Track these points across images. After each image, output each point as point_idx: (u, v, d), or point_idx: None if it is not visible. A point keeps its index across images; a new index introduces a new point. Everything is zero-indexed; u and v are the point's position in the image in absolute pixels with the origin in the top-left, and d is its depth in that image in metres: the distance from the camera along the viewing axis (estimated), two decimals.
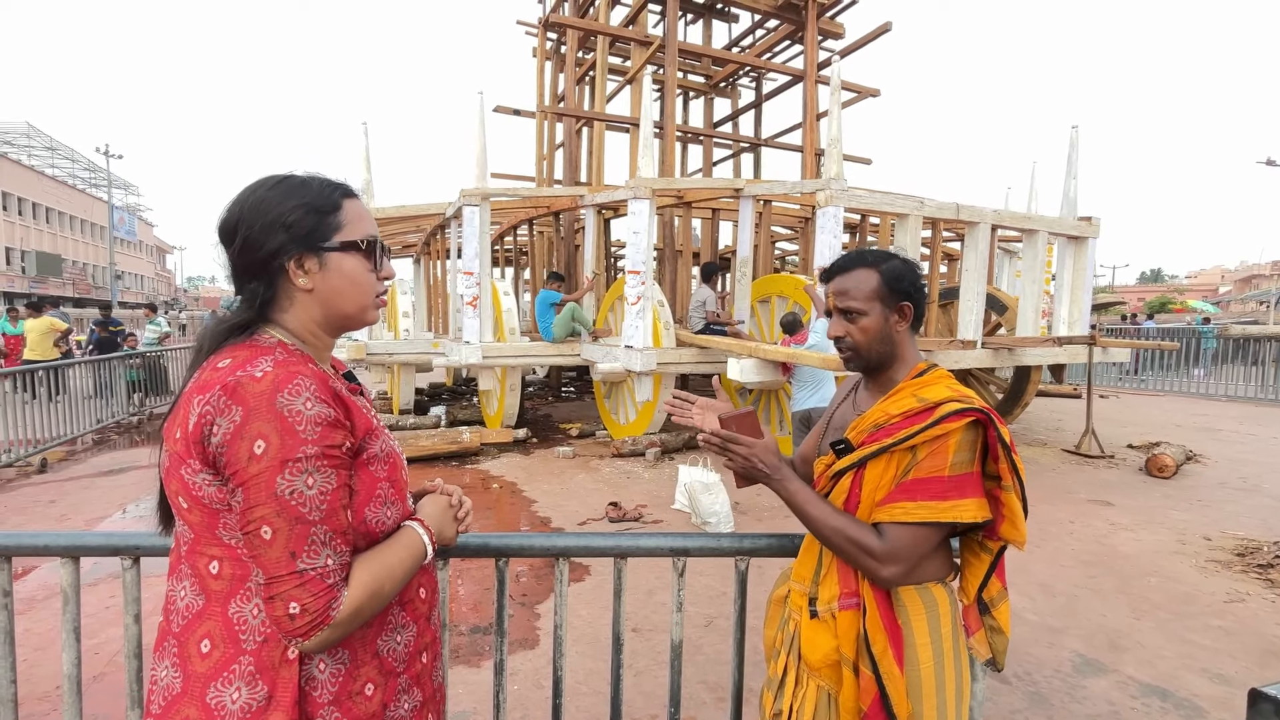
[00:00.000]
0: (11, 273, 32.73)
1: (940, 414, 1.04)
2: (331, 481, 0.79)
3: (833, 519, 1.07)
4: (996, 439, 1.05)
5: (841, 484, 1.13)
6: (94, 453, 6.78)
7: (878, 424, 1.11)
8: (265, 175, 0.90)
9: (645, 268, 6.13)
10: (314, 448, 0.77)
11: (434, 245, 9.50)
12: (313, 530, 0.77)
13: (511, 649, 2.76)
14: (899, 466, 1.06)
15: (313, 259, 0.87)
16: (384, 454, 0.89)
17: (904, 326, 1.15)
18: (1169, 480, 5.73)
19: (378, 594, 0.82)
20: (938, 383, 1.13)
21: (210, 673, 0.80)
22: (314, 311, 0.89)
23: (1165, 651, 2.83)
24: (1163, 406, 10.29)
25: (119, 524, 4.41)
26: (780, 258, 12.95)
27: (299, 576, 0.76)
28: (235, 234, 0.85)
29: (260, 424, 0.75)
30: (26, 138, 36.70)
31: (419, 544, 0.91)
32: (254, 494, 0.76)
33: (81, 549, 1.42)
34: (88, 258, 41.18)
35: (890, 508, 1.05)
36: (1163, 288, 54.82)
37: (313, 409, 0.78)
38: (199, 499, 0.80)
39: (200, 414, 0.77)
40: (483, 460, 6.32)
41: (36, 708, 2.32)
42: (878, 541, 1.04)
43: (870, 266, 1.16)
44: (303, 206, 0.86)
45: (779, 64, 10.85)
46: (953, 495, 1.03)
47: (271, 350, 0.83)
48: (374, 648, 0.87)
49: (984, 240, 6.16)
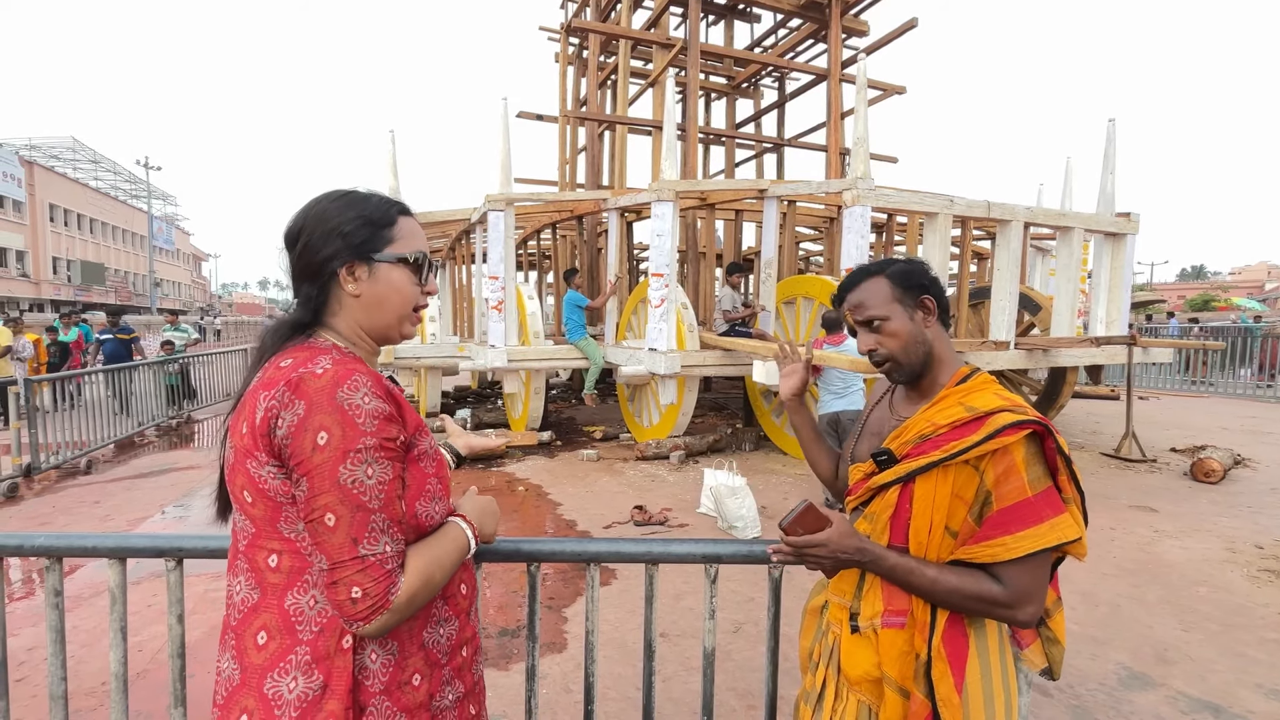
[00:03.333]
0: (58, 281, 34.13)
1: (995, 426, 0.99)
2: (388, 472, 0.83)
3: (944, 581, 1.00)
4: (1055, 450, 1.00)
5: (885, 498, 1.08)
6: (135, 455, 7.01)
7: (923, 435, 1.06)
8: (331, 189, 0.96)
9: (669, 270, 6.11)
10: (372, 439, 0.81)
11: (459, 250, 9.63)
12: (372, 518, 0.80)
13: (540, 652, 2.76)
14: (958, 482, 1.01)
15: (363, 267, 0.92)
16: (432, 451, 0.93)
17: (933, 321, 1.12)
18: (1216, 485, 5.50)
19: (429, 582, 0.85)
20: (984, 389, 1.08)
21: (267, 664, 0.83)
22: (360, 316, 0.94)
23: (1216, 665, 2.71)
24: (1207, 409, 9.90)
25: (159, 524, 4.55)
26: (805, 258, 12.82)
27: (361, 562, 0.79)
28: (298, 239, 0.92)
29: (323, 416, 0.79)
30: (72, 152, 38.30)
31: (464, 538, 0.94)
32: (318, 482, 0.79)
33: (128, 550, 1.46)
34: (129, 266, 42.74)
35: (990, 546, 0.99)
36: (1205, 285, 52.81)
37: (370, 403, 0.82)
38: (264, 491, 0.83)
39: (266, 408, 0.81)
40: (508, 463, 6.36)
41: (84, 703, 2.39)
42: (1000, 589, 0.98)
43: (875, 275, 1.14)
44: (360, 219, 0.91)
45: (802, 63, 10.75)
46: (1048, 515, 0.98)
47: (329, 350, 0.88)
48: (420, 639, 0.90)
49: (1016, 239, 6.01)
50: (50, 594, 1.45)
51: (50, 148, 37.01)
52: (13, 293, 30.99)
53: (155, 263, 38.93)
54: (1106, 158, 6.84)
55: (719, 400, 10.32)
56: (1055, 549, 0.99)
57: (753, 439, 7.06)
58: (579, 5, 11.53)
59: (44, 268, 33.39)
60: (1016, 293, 6.08)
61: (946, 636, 1.03)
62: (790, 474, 5.91)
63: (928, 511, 1.04)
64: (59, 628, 1.46)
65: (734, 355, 6.31)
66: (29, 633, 2.94)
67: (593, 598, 1.48)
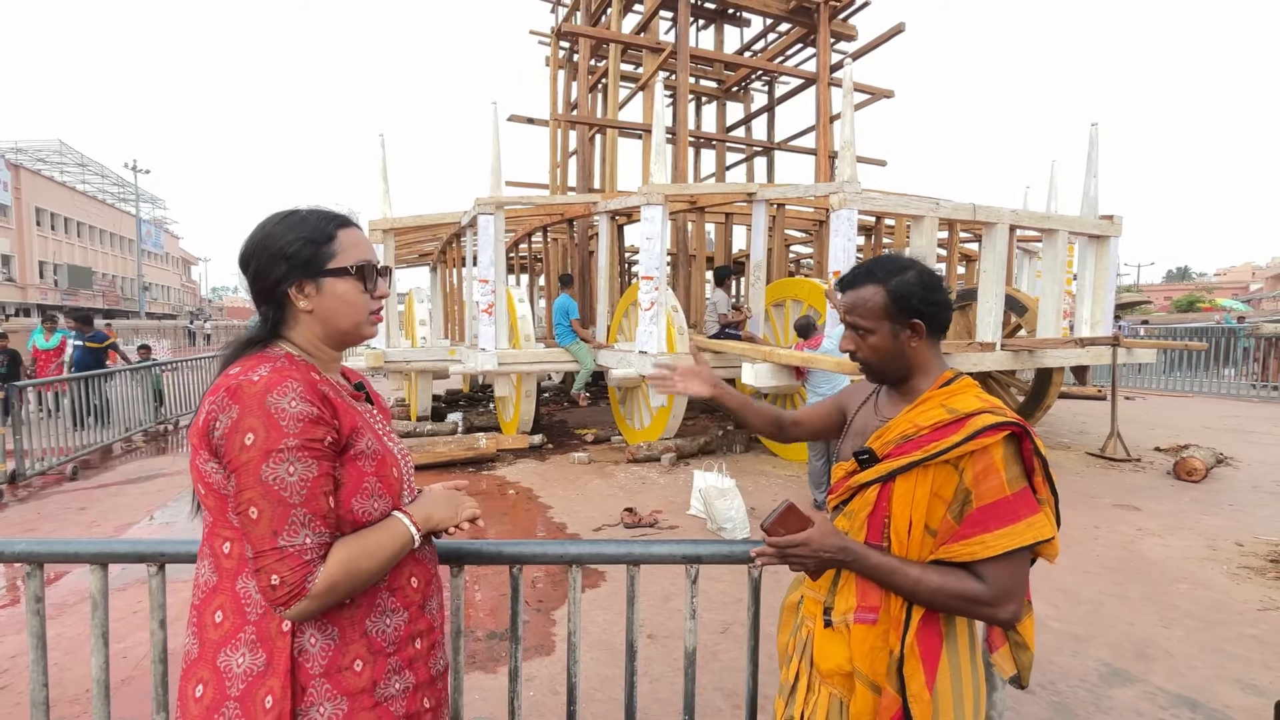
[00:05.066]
0: (45, 285, 33.76)
1: (974, 427, 1.02)
2: (313, 470, 0.89)
3: (928, 580, 1.02)
4: (1033, 452, 1.02)
5: (865, 496, 1.11)
6: (121, 460, 6.94)
7: (905, 435, 1.08)
8: (274, 212, 1.02)
9: (658, 273, 6.14)
10: (295, 440, 0.87)
11: (450, 253, 9.62)
12: (293, 512, 0.87)
13: (527, 655, 2.77)
14: (937, 482, 1.04)
15: (310, 284, 0.98)
16: (371, 452, 0.98)
17: (918, 342, 1.12)
18: (1198, 484, 5.58)
19: (353, 572, 0.90)
20: (965, 392, 1.10)
21: (221, 640, 0.91)
22: (315, 329, 1.01)
23: (1196, 661, 2.76)
24: (1191, 408, 10.03)
25: (146, 530, 4.52)
26: (795, 260, 12.88)
27: (279, 552, 0.86)
28: (249, 265, 0.99)
29: (251, 419, 0.87)
30: (59, 155, 37.91)
31: (401, 529, 0.98)
32: (243, 479, 0.87)
33: (109, 556, 1.46)
34: (117, 270, 42.32)
35: (968, 544, 1.01)
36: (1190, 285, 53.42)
37: (296, 407, 0.88)
38: (211, 485, 0.92)
39: (207, 412, 0.90)
40: (499, 466, 6.35)
41: (67, 710, 2.38)
42: (982, 587, 1.00)
43: (878, 283, 1.12)
44: (301, 239, 0.97)
45: (791, 67, 10.83)
46: (1024, 514, 1.00)
47: (275, 359, 0.95)
48: (362, 628, 0.95)
49: (1002, 241, 6.08)
50: (31, 600, 1.45)
51: (37, 151, 36.63)
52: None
53: (144, 266, 38.58)
54: (1089, 161, 6.93)
55: (711, 402, 10.34)
56: (1032, 548, 1.02)
57: (743, 441, 7.09)
58: (569, 9, 11.57)
59: (30, 272, 33.02)
60: (1003, 295, 6.15)
61: (920, 635, 1.05)
62: (780, 475, 5.94)
63: (907, 510, 1.06)
64: (40, 634, 1.46)
65: (724, 357, 6.34)
66: (12, 640, 2.91)
67: (574, 599, 1.49)
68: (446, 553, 1.41)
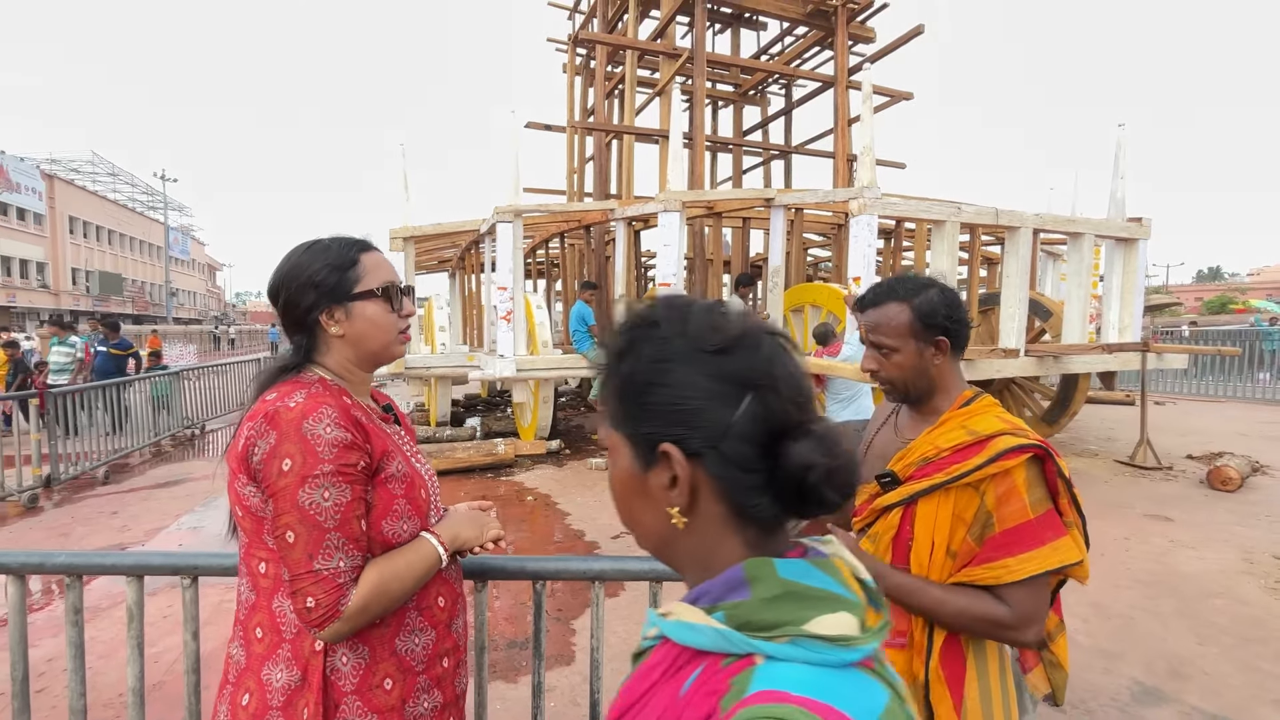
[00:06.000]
0: (77, 292, 34.78)
1: (996, 449, 1.00)
2: (346, 495, 0.91)
3: (950, 603, 1.01)
4: (1056, 473, 1.01)
5: (889, 519, 1.10)
6: (151, 465, 7.11)
7: (926, 458, 1.07)
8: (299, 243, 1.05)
9: (676, 280, 6.14)
10: (330, 465, 0.90)
11: (469, 259, 9.71)
12: (328, 536, 0.90)
13: (548, 665, 2.77)
14: (959, 504, 1.03)
15: (340, 309, 1.01)
16: (401, 474, 1.00)
17: (942, 359, 1.11)
18: (1233, 494, 5.42)
19: (385, 593, 0.93)
20: (986, 413, 1.09)
21: (264, 654, 0.95)
22: (347, 352, 1.04)
23: (1232, 680, 2.67)
24: (1225, 414, 9.75)
25: (175, 535, 4.62)
26: (814, 264, 12.79)
27: (314, 575, 0.89)
28: (279, 296, 1.02)
29: (288, 445, 0.90)
30: (91, 165, 39.08)
31: (429, 550, 1.01)
32: (281, 503, 0.90)
33: (145, 568, 1.50)
34: (145, 276, 43.46)
35: (992, 568, 1.00)
36: (1222, 286, 51.97)
37: (331, 433, 0.92)
38: (249, 508, 0.94)
39: (246, 437, 0.92)
40: (517, 472, 6.39)
41: (101, 714, 2.44)
42: (1005, 610, 0.99)
43: (902, 300, 1.12)
44: (327, 266, 1.00)
45: (809, 70, 10.77)
46: (1049, 537, 0.99)
47: (309, 385, 0.97)
48: (392, 646, 0.98)
49: (1025, 245, 5.97)
50: (70, 611, 1.49)
51: (70, 162, 37.81)
52: (33, 303, 31.60)
53: (171, 272, 39.54)
54: (1116, 163, 6.78)
55: None
56: (1057, 571, 1.00)
57: None
58: (586, 17, 11.64)
59: (63, 279, 34.03)
60: (1026, 300, 6.04)
61: (944, 659, 1.04)
62: None
63: (929, 533, 1.05)
64: (79, 644, 1.50)
65: None
66: (49, 643, 2.99)
67: (598, 615, 1.49)
68: (470, 569, 1.42)
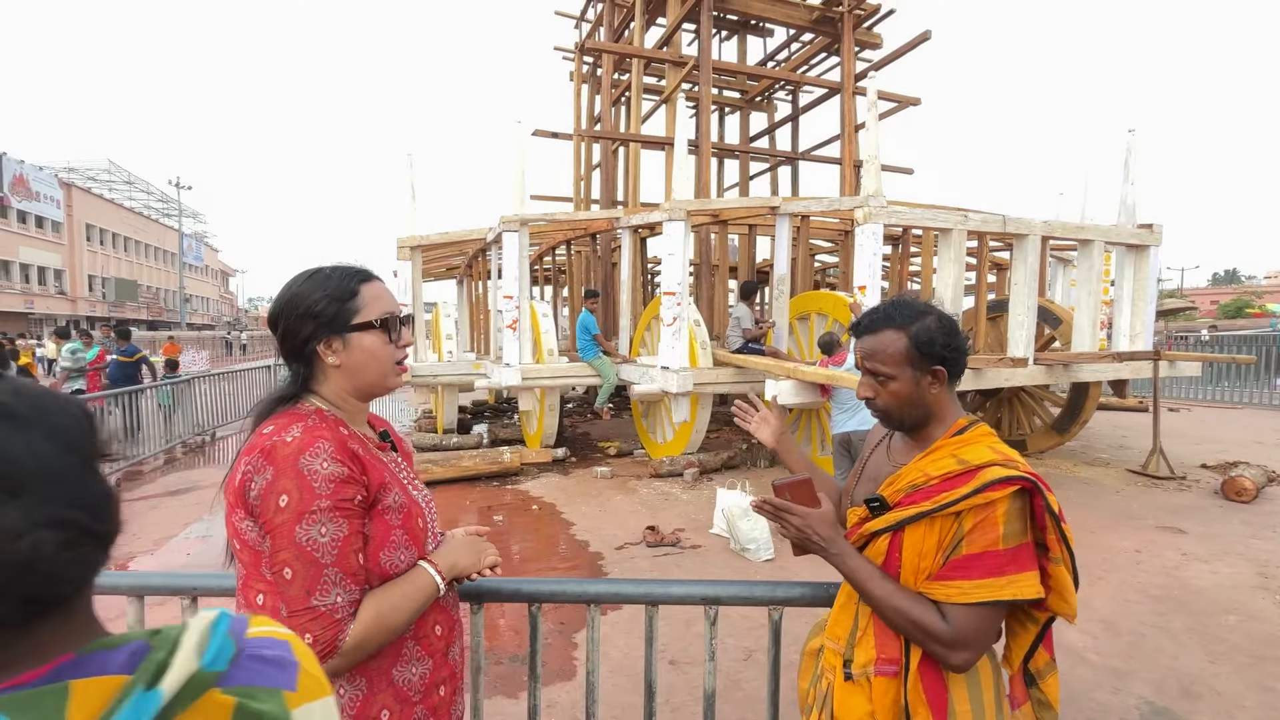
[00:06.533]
0: (93, 298, 35.32)
1: (983, 480, 1.00)
2: (343, 529, 0.92)
3: (894, 598, 1.02)
4: (1044, 509, 1.00)
5: (877, 544, 1.10)
6: (161, 472, 7.19)
7: (915, 485, 1.07)
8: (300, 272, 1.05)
9: (681, 288, 6.14)
10: (327, 501, 0.90)
11: (476, 267, 9.77)
12: (325, 572, 0.90)
13: (549, 679, 2.77)
14: (942, 533, 1.02)
15: (338, 340, 1.01)
16: (398, 505, 1.00)
17: (939, 388, 1.11)
18: (1249, 505, 5.32)
19: (383, 626, 0.93)
20: (979, 442, 1.08)
21: None
22: (344, 383, 1.04)
23: (1246, 700, 2.62)
24: (1241, 421, 9.59)
25: (184, 544, 4.66)
26: (820, 270, 12.75)
27: (312, 612, 0.89)
28: (278, 325, 1.03)
29: (285, 480, 0.90)
30: (108, 174, 39.75)
31: (426, 579, 1.01)
32: (278, 540, 0.90)
33: (147, 589, 1.52)
34: (160, 282, 44.07)
35: (945, 586, 1.00)
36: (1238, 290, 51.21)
37: (328, 468, 0.92)
38: (247, 542, 0.94)
39: (243, 472, 0.92)
40: (523, 480, 6.40)
41: None
42: (944, 626, 0.99)
43: (899, 328, 1.10)
44: (326, 297, 1.01)
45: (815, 77, 10.77)
46: (1010, 570, 0.98)
47: (306, 417, 0.97)
48: (390, 677, 0.97)
49: (1034, 253, 5.93)
50: None
51: (87, 170, 38.49)
52: (50, 310, 32.12)
53: (185, 279, 40.07)
54: (1127, 168, 6.72)
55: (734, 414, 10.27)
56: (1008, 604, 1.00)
57: (767, 456, 7.01)
58: (593, 26, 11.71)
59: (80, 285, 34.58)
60: (1035, 307, 5.99)
61: (924, 679, 1.04)
62: None
63: (915, 561, 1.05)
64: None
65: (747, 372, 6.30)
66: None
67: (593, 639, 1.49)
68: (467, 591, 1.42)
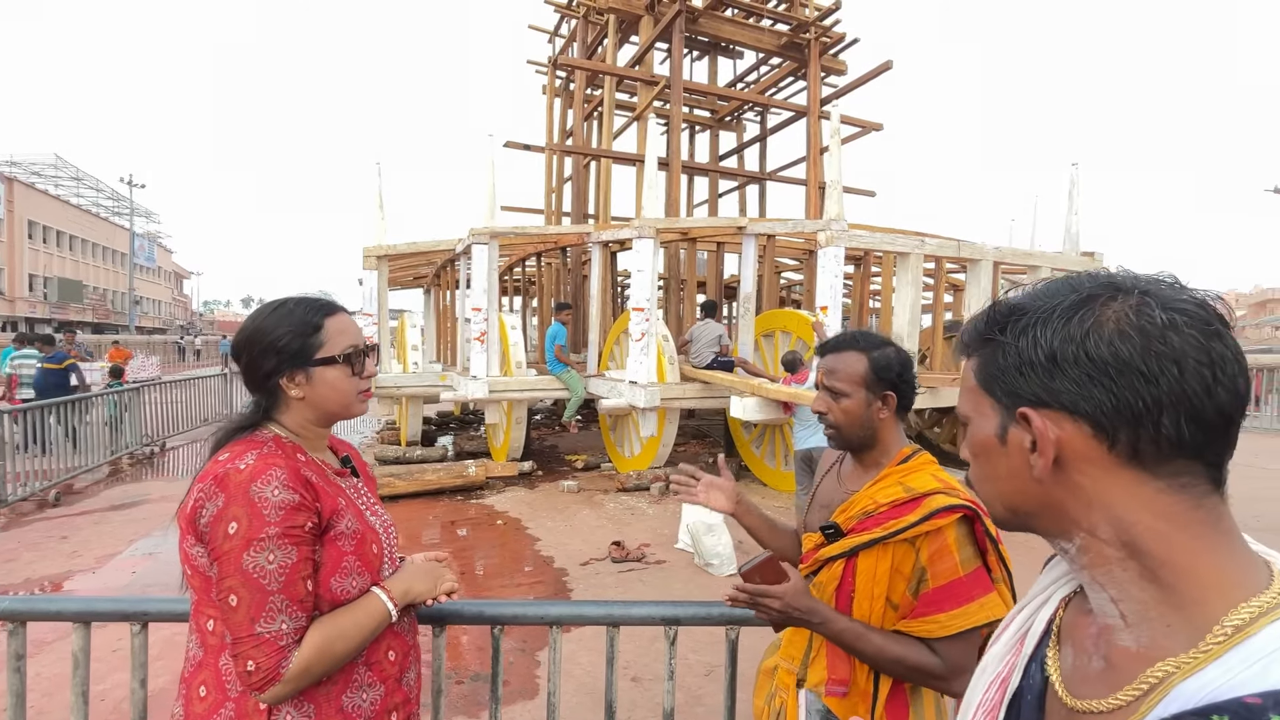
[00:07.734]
0: (34, 299, 33.50)
1: (929, 509, 1.06)
2: (292, 556, 0.92)
3: (888, 650, 1.06)
4: (984, 533, 1.07)
5: (832, 570, 1.15)
6: (105, 485, 6.87)
7: (866, 511, 1.13)
8: (265, 303, 1.07)
9: (649, 305, 6.21)
10: (276, 528, 0.91)
11: (444, 277, 9.68)
12: (270, 599, 0.90)
13: (511, 699, 2.75)
14: (897, 558, 1.08)
15: (301, 373, 1.03)
16: (351, 532, 1.01)
17: (886, 414, 1.18)
18: None
19: (328, 653, 0.94)
20: (923, 470, 1.15)
21: (205, 714, 0.95)
22: (306, 413, 1.06)
23: None
24: None
25: (129, 561, 4.46)
26: (786, 287, 13.04)
27: (256, 639, 0.89)
28: (241, 358, 1.05)
29: (235, 508, 0.91)
30: (54, 169, 37.92)
31: (377, 606, 1.01)
32: (225, 567, 0.91)
33: (93, 615, 1.47)
34: (108, 284, 42.09)
35: (925, 623, 1.06)
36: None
37: (279, 495, 0.92)
38: (197, 568, 0.95)
39: (195, 499, 0.93)
40: (488, 494, 6.34)
41: None
42: (936, 661, 1.05)
43: (861, 351, 1.19)
44: (289, 332, 1.02)
45: (783, 100, 11.08)
46: (978, 593, 1.05)
47: (262, 444, 0.98)
48: (339, 703, 0.97)
49: (987, 276, 6.21)
50: (12, 658, 1.45)
51: (32, 165, 36.64)
52: None
53: (136, 280, 38.41)
54: (1070, 199, 7.12)
55: (701, 428, 10.37)
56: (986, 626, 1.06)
57: (733, 470, 7.09)
58: (566, 41, 11.82)
59: (19, 285, 32.76)
60: None
61: (889, 707, 1.09)
62: (769, 506, 5.95)
63: (869, 585, 1.11)
64: (20, 693, 1.46)
65: (713, 388, 6.40)
66: None
67: (554, 660, 1.51)
68: (427, 614, 1.43)
